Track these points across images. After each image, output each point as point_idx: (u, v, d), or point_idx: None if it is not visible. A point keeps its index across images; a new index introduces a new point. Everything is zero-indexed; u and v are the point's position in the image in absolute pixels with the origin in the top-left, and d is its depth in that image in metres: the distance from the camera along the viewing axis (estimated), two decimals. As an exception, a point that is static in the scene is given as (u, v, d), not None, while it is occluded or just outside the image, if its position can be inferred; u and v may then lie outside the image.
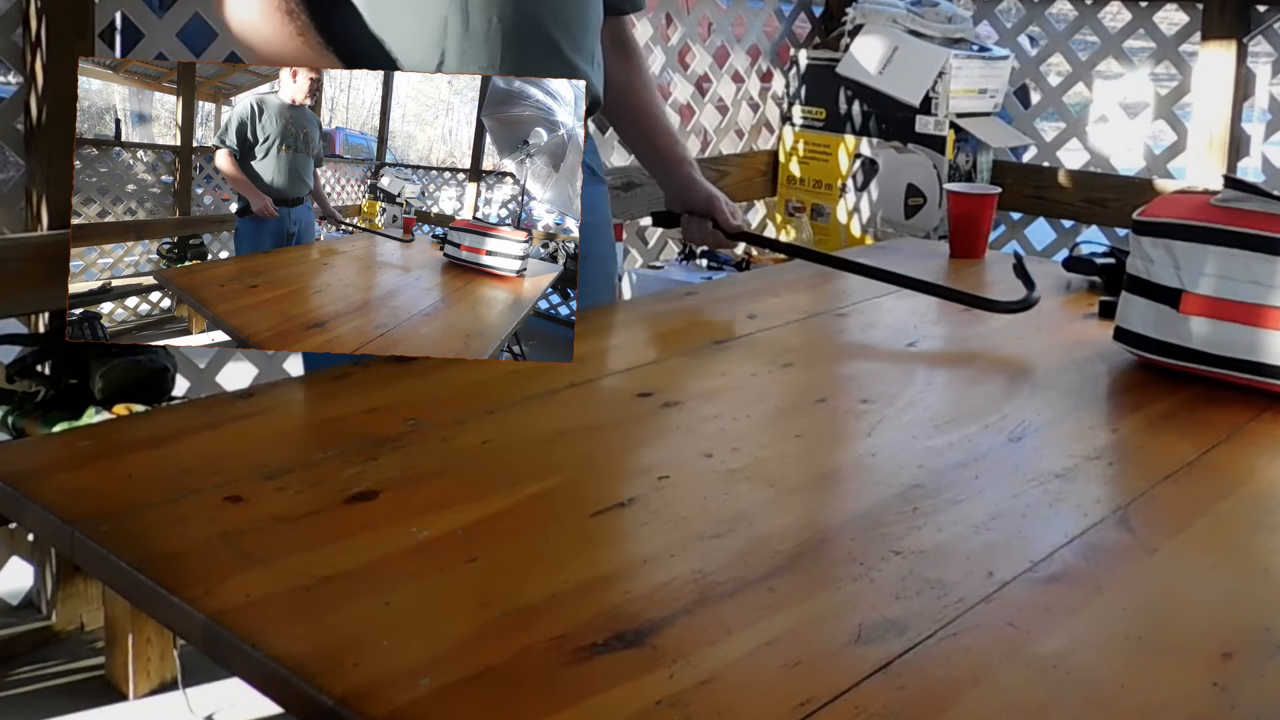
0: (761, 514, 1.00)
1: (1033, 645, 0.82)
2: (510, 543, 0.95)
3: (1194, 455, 1.16)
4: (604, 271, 1.73)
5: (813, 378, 1.40)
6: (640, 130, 1.79)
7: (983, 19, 3.47)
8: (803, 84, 3.46)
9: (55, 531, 0.95)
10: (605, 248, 1.75)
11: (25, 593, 2.45)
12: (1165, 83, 3.27)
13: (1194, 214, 1.36)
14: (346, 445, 1.10)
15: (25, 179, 2.23)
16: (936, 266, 1.92)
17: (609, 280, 1.77)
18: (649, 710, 0.72)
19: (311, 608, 0.83)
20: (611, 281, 1.79)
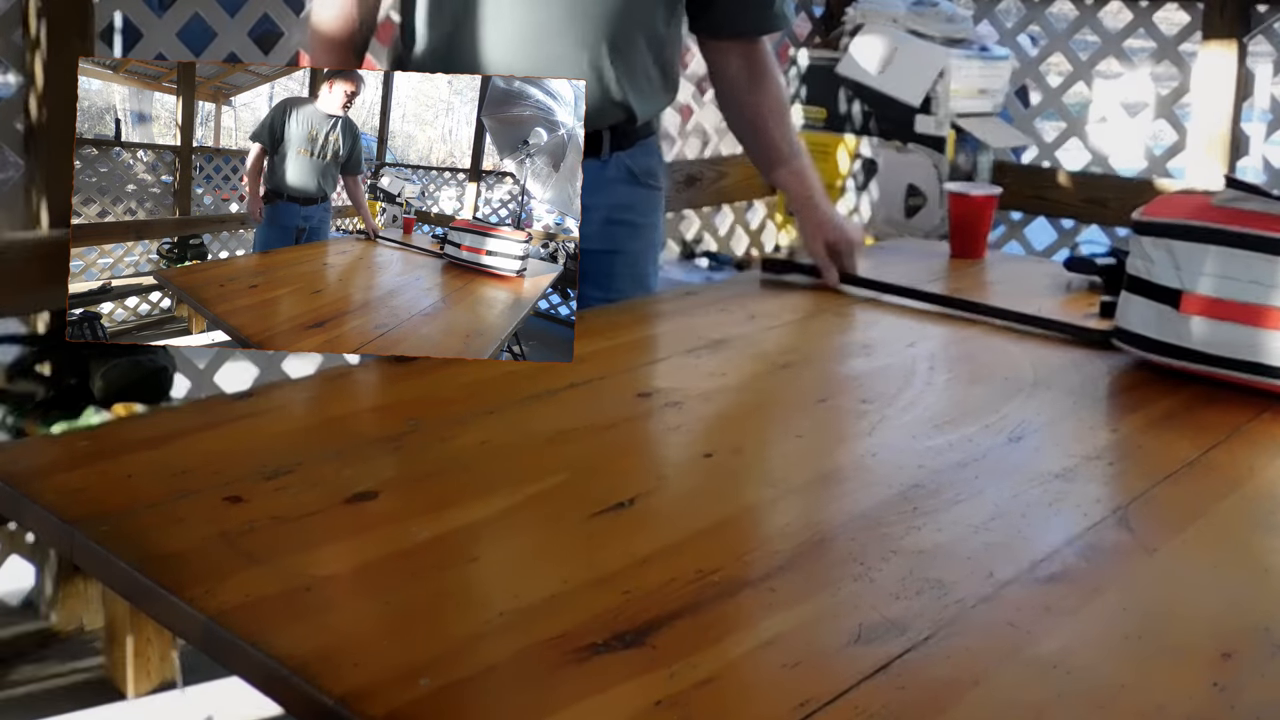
0: (761, 514, 1.00)
1: (1033, 645, 0.82)
2: (510, 543, 0.95)
3: (1194, 455, 1.16)
4: (636, 270, 1.78)
5: (813, 378, 1.40)
6: (766, 162, 1.82)
7: (983, 19, 3.47)
8: (803, 84, 3.46)
9: (55, 531, 0.95)
10: (640, 246, 1.79)
11: (25, 593, 2.45)
12: (1165, 83, 3.27)
13: (1194, 214, 1.36)
14: (346, 445, 1.10)
15: (25, 179, 2.23)
16: (936, 267, 1.92)
17: (641, 279, 1.80)
18: (649, 710, 0.73)
19: (311, 608, 0.83)
20: (644, 281, 1.82)
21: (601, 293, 1.68)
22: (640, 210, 1.77)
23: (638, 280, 1.79)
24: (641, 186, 1.76)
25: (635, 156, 1.73)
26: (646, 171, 1.77)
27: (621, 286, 1.74)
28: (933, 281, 1.78)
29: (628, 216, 1.74)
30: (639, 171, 1.75)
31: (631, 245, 1.76)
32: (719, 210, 3.59)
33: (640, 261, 1.80)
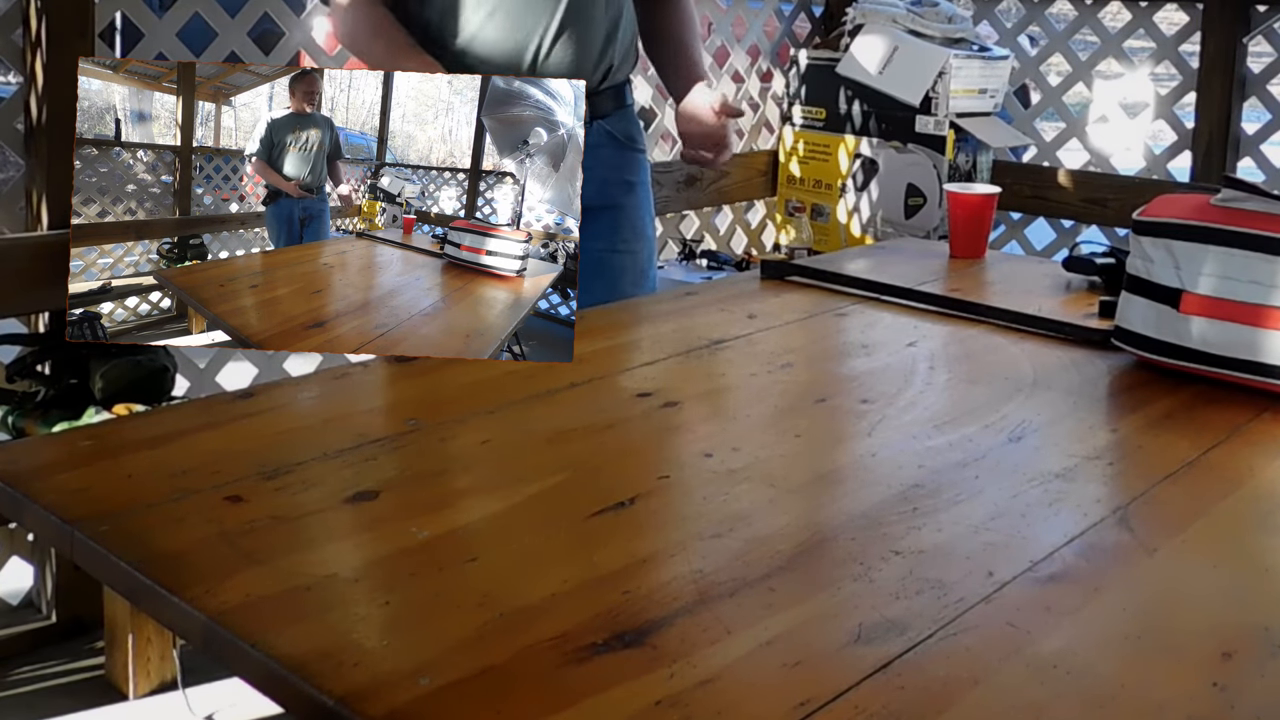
0: (761, 514, 1.00)
1: (1033, 645, 0.82)
2: (510, 543, 0.95)
3: (1194, 455, 1.16)
4: (636, 224, 1.95)
5: (813, 378, 1.40)
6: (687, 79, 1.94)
7: (983, 19, 3.47)
8: (803, 84, 3.46)
9: (55, 531, 0.95)
10: (635, 201, 1.96)
11: (25, 593, 2.45)
12: (1165, 83, 3.27)
13: (1194, 214, 1.36)
14: (346, 445, 1.10)
15: (25, 179, 2.23)
16: (936, 267, 1.92)
17: (640, 230, 1.95)
18: (649, 710, 0.73)
19: (311, 608, 0.83)
20: (643, 232, 1.96)
21: (606, 244, 1.85)
22: (629, 170, 1.95)
23: (638, 232, 1.95)
24: (626, 149, 1.93)
25: (615, 123, 1.90)
26: (628, 136, 1.94)
27: (626, 238, 1.92)
28: (933, 281, 1.78)
29: (619, 175, 1.92)
30: (621, 136, 1.92)
31: (628, 200, 1.94)
32: (719, 210, 3.59)
33: (638, 214, 1.96)
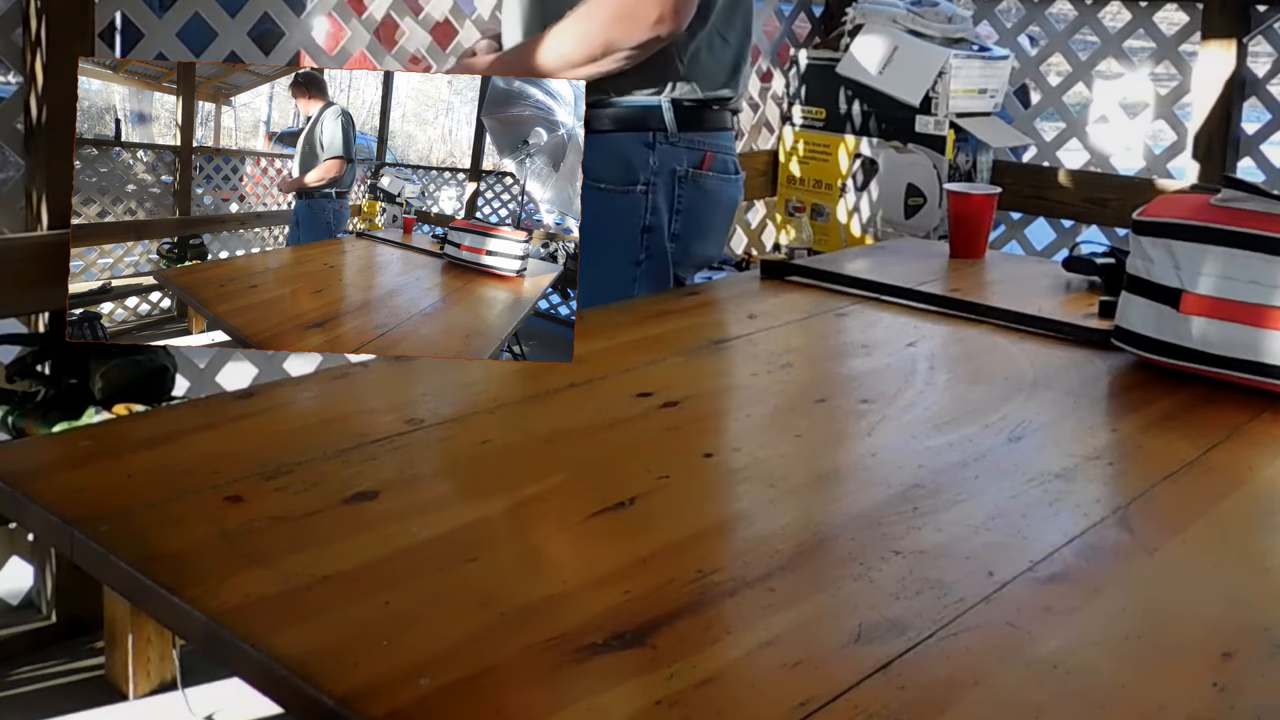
0: (761, 514, 1.00)
1: (1033, 645, 0.82)
2: (510, 543, 0.95)
3: (1194, 455, 1.16)
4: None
5: (813, 378, 1.40)
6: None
7: (983, 19, 3.47)
8: (803, 84, 3.46)
9: (55, 531, 0.95)
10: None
11: (25, 593, 2.45)
12: (1165, 83, 3.27)
13: (1194, 214, 1.36)
14: (346, 445, 1.10)
15: (25, 179, 2.23)
16: (936, 267, 1.92)
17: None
18: (649, 710, 0.72)
19: (311, 608, 0.83)
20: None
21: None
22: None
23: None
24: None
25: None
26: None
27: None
28: (933, 281, 1.78)
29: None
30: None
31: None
32: (719, 210, 3.59)
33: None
